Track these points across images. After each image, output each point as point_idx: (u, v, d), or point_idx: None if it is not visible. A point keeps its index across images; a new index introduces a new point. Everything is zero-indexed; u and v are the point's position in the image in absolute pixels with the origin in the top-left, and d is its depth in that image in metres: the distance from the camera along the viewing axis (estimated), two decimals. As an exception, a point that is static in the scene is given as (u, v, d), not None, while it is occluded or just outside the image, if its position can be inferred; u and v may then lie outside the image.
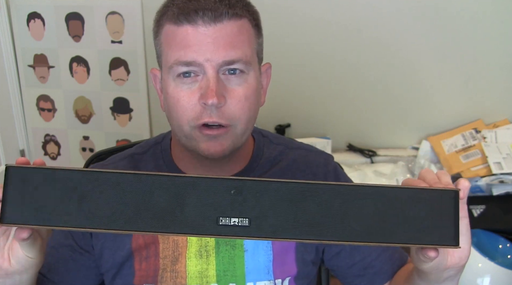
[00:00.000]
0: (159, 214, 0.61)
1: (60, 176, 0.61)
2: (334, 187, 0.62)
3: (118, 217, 0.61)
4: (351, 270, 0.94)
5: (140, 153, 0.96)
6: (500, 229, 1.56)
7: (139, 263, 0.89)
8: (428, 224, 0.63)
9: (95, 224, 0.61)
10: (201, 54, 0.77)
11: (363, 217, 0.62)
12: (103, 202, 0.61)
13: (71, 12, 2.00)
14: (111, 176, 0.61)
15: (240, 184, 0.62)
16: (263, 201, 0.62)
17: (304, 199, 0.62)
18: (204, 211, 0.61)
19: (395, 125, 1.97)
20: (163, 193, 0.61)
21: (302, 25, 1.87)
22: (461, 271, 0.74)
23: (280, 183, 0.62)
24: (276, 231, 0.62)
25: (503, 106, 1.88)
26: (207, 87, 0.77)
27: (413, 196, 0.63)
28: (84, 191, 0.61)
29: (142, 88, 2.04)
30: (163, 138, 0.97)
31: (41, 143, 2.24)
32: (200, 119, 0.79)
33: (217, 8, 0.77)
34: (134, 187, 0.61)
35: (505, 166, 1.67)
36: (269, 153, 0.95)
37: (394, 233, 0.62)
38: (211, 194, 0.61)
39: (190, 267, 0.89)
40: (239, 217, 0.61)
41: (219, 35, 0.77)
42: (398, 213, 0.62)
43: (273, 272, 0.90)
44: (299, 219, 0.62)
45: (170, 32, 0.80)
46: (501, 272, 1.39)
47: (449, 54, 1.84)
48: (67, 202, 0.60)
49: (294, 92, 1.94)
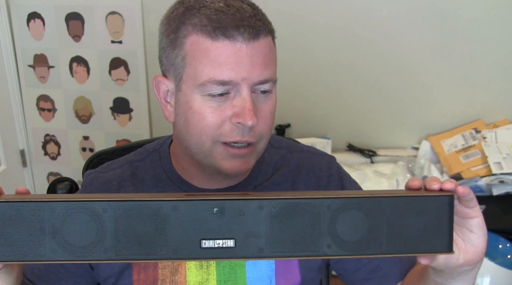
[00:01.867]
0: (140, 240, 0.58)
1: (29, 208, 0.58)
2: (319, 201, 0.60)
3: (96, 246, 0.58)
4: (357, 274, 0.93)
5: (139, 160, 0.93)
6: (500, 229, 1.56)
7: (138, 274, 0.88)
8: (421, 232, 0.61)
9: (72, 255, 0.58)
10: (238, 73, 0.74)
11: (353, 228, 0.60)
12: (79, 231, 0.58)
13: (71, 12, 2.00)
14: (86, 204, 0.58)
15: (222, 204, 0.59)
16: (247, 220, 0.59)
17: (289, 215, 0.60)
18: (186, 234, 0.59)
19: (395, 125, 1.97)
20: (142, 218, 0.58)
21: (301, 26, 1.87)
22: (477, 267, 0.72)
23: (262, 200, 0.59)
24: (263, 250, 0.59)
25: (503, 106, 1.88)
26: (244, 107, 0.75)
27: (404, 204, 0.61)
28: (57, 222, 0.58)
29: (142, 88, 2.04)
30: (161, 145, 0.94)
31: (41, 142, 2.24)
32: (230, 137, 0.77)
33: (255, 25, 0.74)
34: (111, 213, 0.58)
35: (505, 166, 1.67)
36: (270, 158, 0.94)
37: (385, 243, 0.61)
38: (192, 216, 0.59)
39: (190, 277, 0.88)
40: (223, 238, 0.59)
41: (255, 53, 0.75)
42: (389, 222, 0.60)
43: (276, 281, 0.89)
44: (286, 235, 0.60)
45: (201, 45, 0.75)
46: (501, 272, 1.39)
47: (449, 54, 1.84)
48: (40, 235, 0.58)
49: (294, 92, 1.94)
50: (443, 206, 0.61)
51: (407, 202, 0.61)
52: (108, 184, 0.89)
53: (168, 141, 0.94)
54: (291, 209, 0.60)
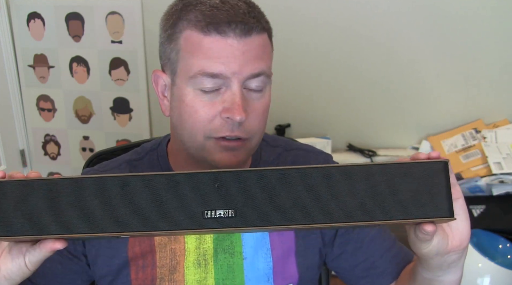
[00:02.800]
0: (146, 214, 0.61)
1: (43, 186, 0.61)
2: (317, 170, 0.61)
3: (107, 220, 0.61)
4: (354, 271, 0.93)
5: (137, 159, 0.94)
6: (500, 229, 1.56)
7: (136, 273, 0.88)
8: (419, 198, 0.61)
9: (85, 229, 0.61)
10: (229, 67, 0.75)
11: (351, 197, 0.61)
12: (91, 207, 0.61)
13: (71, 12, 2.00)
14: (95, 181, 0.61)
15: (222, 176, 0.61)
16: (247, 191, 0.61)
17: (287, 185, 0.61)
18: (189, 206, 0.61)
19: (395, 125, 1.97)
20: (147, 193, 0.61)
21: (301, 25, 1.87)
22: (464, 255, 0.73)
23: (261, 171, 0.61)
24: (263, 219, 0.61)
25: (503, 106, 1.88)
26: (233, 102, 0.76)
27: (401, 170, 0.61)
28: (70, 199, 0.61)
29: (142, 88, 2.04)
30: (159, 144, 0.94)
31: (41, 142, 2.24)
32: (220, 132, 0.78)
33: (248, 21, 0.75)
34: (119, 189, 0.61)
35: (505, 166, 1.67)
36: (267, 156, 0.94)
37: (385, 210, 0.61)
38: (194, 189, 0.61)
39: (188, 276, 0.88)
40: (224, 208, 0.61)
41: (247, 49, 0.76)
42: (387, 189, 0.61)
43: (274, 279, 0.89)
44: (285, 204, 0.61)
45: (194, 39, 0.77)
46: (501, 272, 1.39)
47: (449, 54, 1.84)
48: (54, 211, 0.61)
49: (294, 92, 1.94)
50: (439, 171, 0.62)
51: (402, 168, 0.62)
52: None
53: (165, 140, 0.94)
54: (288, 179, 0.61)
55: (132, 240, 0.88)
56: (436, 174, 0.62)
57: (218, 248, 0.88)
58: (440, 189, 0.62)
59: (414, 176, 0.62)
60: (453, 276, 0.75)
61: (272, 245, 0.89)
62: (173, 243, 0.88)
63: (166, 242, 0.88)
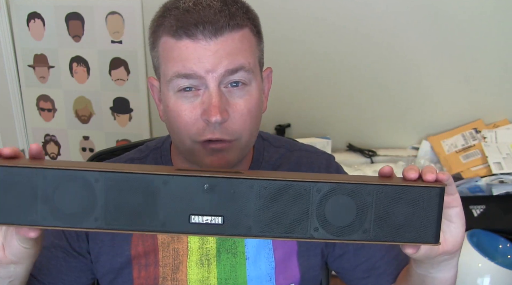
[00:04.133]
0: (129, 212, 0.59)
1: (22, 174, 0.59)
2: (309, 184, 0.60)
3: (86, 215, 0.59)
4: (355, 272, 0.93)
5: (140, 158, 0.94)
6: (500, 229, 1.55)
7: (138, 272, 0.88)
8: (409, 221, 0.61)
9: (62, 222, 0.59)
10: (201, 66, 0.75)
11: (341, 213, 0.61)
12: (70, 199, 0.59)
13: (71, 12, 2.00)
14: (77, 173, 0.59)
15: (213, 180, 0.60)
16: (237, 198, 0.60)
17: (279, 196, 0.60)
18: (176, 208, 0.59)
19: (395, 125, 1.97)
20: (133, 191, 0.59)
21: (301, 25, 1.87)
22: (457, 256, 0.73)
23: (253, 180, 0.60)
24: (251, 229, 0.60)
25: (503, 106, 1.88)
26: (210, 103, 0.75)
27: (394, 193, 0.61)
28: (48, 189, 0.59)
29: (142, 88, 2.04)
30: (162, 143, 0.95)
31: (41, 143, 2.24)
32: (203, 135, 0.78)
33: (217, 21, 0.74)
34: (102, 183, 0.59)
35: (505, 166, 1.67)
36: (270, 156, 0.94)
37: (372, 230, 0.61)
38: (183, 191, 0.59)
39: (191, 275, 0.88)
40: (212, 214, 0.60)
41: (220, 47, 0.75)
42: (377, 210, 0.61)
43: (276, 279, 0.89)
44: (274, 216, 0.60)
45: (168, 45, 0.77)
46: (501, 272, 1.39)
47: (449, 54, 1.84)
48: (32, 201, 0.59)
49: (294, 92, 1.94)
50: (433, 197, 0.61)
51: (396, 190, 0.61)
52: None
53: (169, 139, 0.95)
54: (281, 190, 0.60)
55: (135, 238, 0.88)
56: (431, 200, 0.61)
57: (221, 248, 0.88)
58: (431, 215, 0.61)
59: (408, 199, 0.61)
60: (446, 274, 0.75)
61: (275, 245, 0.90)
62: (176, 242, 0.88)
63: (169, 241, 0.88)
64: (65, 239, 0.90)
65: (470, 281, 1.40)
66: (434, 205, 0.61)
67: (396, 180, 0.64)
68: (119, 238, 0.88)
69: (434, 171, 0.64)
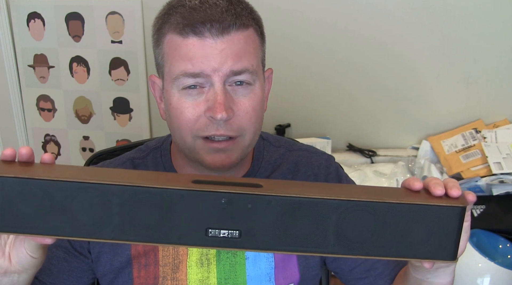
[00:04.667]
0: (145, 225, 0.59)
1: (38, 185, 0.59)
2: (327, 201, 0.60)
3: (102, 226, 0.59)
4: (353, 273, 0.93)
5: (140, 157, 0.94)
6: (500, 229, 1.55)
7: (138, 271, 0.88)
8: (427, 238, 0.61)
9: (78, 233, 0.60)
10: (208, 64, 0.75)
11: (358, 230, 0.60)
12: (87, 211, 0.59)
13: (71, 12, 2.00)
14: (95, 186, 0.59)
15: (231, 196, 0.59)
16: (254, 213, 0.60)
17: (297, 212, 0.60)
18: (193, 222, 0.59)
19: (395, 125, 1.97)
20: (149, 204, 0.59)
21: (301, 26, 1.87)
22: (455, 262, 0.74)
23: (271, 196, 0.60)
24: (268, 243, 0.60)
25: (503, 106, 1.88)
26: (215, 100, 0.76)
27: (414, 211, 0.60)
28: (65, 201, 0.59)
29: (142, 88, 2.04)
30: (162, 142, 0.95)
31: (41, 142, 2.24)
32: (206, 132, 0.78)
33: (224, 19, 0.75)
34: (119, 196, 0.59)
35: (505, 166, 1.67)
36: (270, 156, 0.94)
37: (389, 246, 0.61)
38: (200, 205, 0.59)
39: (191, 275, 0.88)
40: (229, 229, 0.60)
41: (226, 46, 0.75)
42: (396, 227, 0.60)
43: (275, 279, 0.90)
44: (291, 231, 0.60)
45: (174, 43, 0.77)
46: (501, 272, 1.39)
47: (449, 54, 1.84)
48: (48, 211, 0.59)
49: (294, 92, 1.94)
50: (454, 216, 0.61)
51: (417, 209, 0.60)
52: None
53: (169, 139, 0.95)
54: (299, 206, 0.60)
55: None
56: (450, 218, 0.61)
57: None
58: (451, 233, 0.61)
59: (428, 217, 0.61)
60: (443, 280, 0.76)
61: None
62: None
63: None
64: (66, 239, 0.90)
65: (470, 281, 1.40)
66: (454, 223, 0.61)
67: (418, 196, 0.63)
68: None
69: (458, 186, 0.63)
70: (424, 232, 0.61)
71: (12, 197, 0.59)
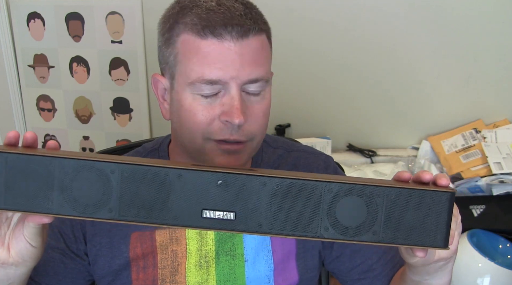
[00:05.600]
0: (143, 204, 0.60)
1: (39, 162, 0.60)
2: (321, 184, 0.61)
3: (101, 205, 0.60)
4: (351, 274, 0.93)
5: None
6: (500, 229, 1.56)
7: (137, 273, 0.88)
8: (418, 224, 0.62)
9: (77, 212, 0.60)
10: (227, 72, 0.75)
11: (351, 214, 0.61)
12: (86, 189, 0.60)
13: (71, 12, 2.00)
14: (95, 164, 0.60)
15: (227, 176, 0.60)
16: (249, 195, 0.61)
17: (291, 194, 0.61)
18: (189, 202, 0.60)
19: (395, 125, 1.97)
20: (147, 183, 0.60)
21: (302, 26, 1.87)
22: (451, 262, 0.74)
23: (266, 177, 0.61)
24: (261, 225, 0.61)
25: (503, 106, 1.88)
26: (232, 105, 0.76)
27: (405, 195, 0.61)
28: (65, 178, 0.60)
29: (142, 88, 2.04)
30: (160, 144, 0.95)
31: (41, 143, 2.24)
32: (219, 135, 0.78)
33: (244, 23, 0.75)
34: (118, 175, 0.60)
35: (505, 166, 1.67)
36: (268, 157, 0.94)
37: (382, 232, 0.62)
38: (196, 186, 0.60)
39: (190, 277, 0.88)
40: (224, 210, 0.61)
41: (245, 51, 0.75)
42: (388, 212, 0.61)
43: (274, 281, 0.89)
44: (285, 214, 0.61)
45: (191, 44, 0.76)
46: (501, 272, 1.39)
47: (449, 54, 1.84)
48: (49, 189, 0.60)
49: (294, 92, 1.93)
50: (444, 201, 0.62)
51: (407, 193, 0.62)
52: None
53: (167, 140, 0.95)
54: (293, 188, 0.61)
55: (133, 240, 0.88)
56: (442, 204, 0.62)
57: (219, 250, 0.88)
58: (442, 220, 0.62)
59: (419, 203, 0.62)
60: (441, 280, 0.76)
61: (273, 247, 0.89)
62: (174, 244, 0.88)
63: (167, 243, 0.88)
64: (63, 240, 0.89)
65: (470, 281, 1.40)
66: (444, 209, 0.62)
67: (408, 184, 0.64)
68: (117, 239, 0.88)
69: (447, 176, 0.64)
70: (415, 218, 0.62)
71: (14, 174, 0.59)
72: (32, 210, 0.61)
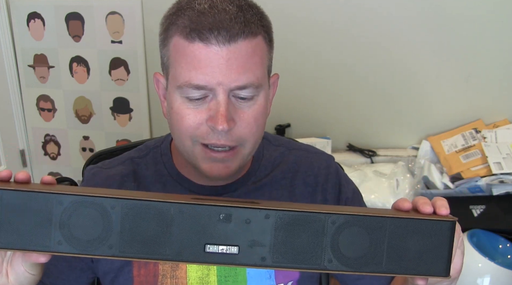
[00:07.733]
0: (144, 240, 0.59)
1: (37, 199, 0.58)
2: (324, 215, 0.60)
3: (101, 242, 0.59)
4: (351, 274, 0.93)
5: (140, 156, 0.94)
6: (500, 229, 1.56)
7: (138, 269, 0.88)
8: (420, 254, 0.61)
9: (77, 249, 0.59)
10: (213, 77, 0.74)
11: (354, 245, 0.61)
12: (86, 226, 0.58)
13: (71, 12, 2.01)
14: (94, 200, 0.58)
15: (229, 210, 0.59)
16: (253, 228, 0.60)
17: (294, 227, 0.60)
18: (191, 237, 0.59)
19: (395, 125, 1.97)
20: (148, 218, 0.59)
21: (302, 26, 1.87)
22: (455, 281, 0.73)
23: (269, 210, 0.60)
24: (265, 259, 0.60)
25: (503, 106, 1.88)
26: (217, 111, 0.75)
27: (407, 226, 0.61)
28: (64, 215, 0.58)
29: (142, 88, 2.04)
30: (162, 142, 0.95)
31: (41, 142, 2.24)
32: (206, 140, 0.77)
33: (232, 27, 0.73)
34: (119, 210, 0.58)
35: (505, 166, 1.67)
36: (269, 155, 0.94)
37: (384, 262, 0.62)
38: (198, 220, 0.59)
39: (190, 273, 0.88)
40: (227, 244, 0.60)
41: (232, 56, 0.74)
42: (390, 242, 0.61)
43: (275, 276, 0.90)
44: (289, 247, 0.60)
45: (180, 46, 0.76)
46: (501, 272, 1.39)
47: (449, 54, 1.84)
48: (47, 226, 0.58)
49: (294, 92, 1.94)
50: (445, 231, 0.62)
51: (410, 224, 0.61)
52: (110, 179, 0.91)
53: (169, 138, 0.95)
54: (296, 220, 0.60)
55: None
56: (443, 233, 0.62)
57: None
58: (443, 248, 0.62)
59: (421, 232, 0.61)
60: None
61: None
62: None
63: None
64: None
65: (470, 281, 1.40)
66: (446, 238, 0.62)
67: (409, 214, 0.64)
68: None
69: (447, 205, 0.64)
70: (417, 248, 0.61)
71: (10, 211, 0.58)
72: (29, 249, 0.58)
